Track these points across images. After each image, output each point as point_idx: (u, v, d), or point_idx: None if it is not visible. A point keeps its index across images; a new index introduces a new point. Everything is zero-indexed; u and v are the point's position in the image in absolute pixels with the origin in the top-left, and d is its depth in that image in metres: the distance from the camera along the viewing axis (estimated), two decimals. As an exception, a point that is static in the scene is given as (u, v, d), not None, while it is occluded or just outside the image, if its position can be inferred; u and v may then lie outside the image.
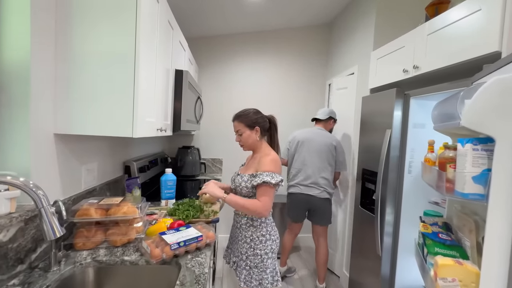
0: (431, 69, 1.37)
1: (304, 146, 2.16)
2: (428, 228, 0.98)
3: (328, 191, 2.13)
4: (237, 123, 1.31)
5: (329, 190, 2.13)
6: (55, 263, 0.85)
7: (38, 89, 0.89)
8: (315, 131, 2.22)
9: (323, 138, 2.15)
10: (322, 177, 2.11)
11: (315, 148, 2.13)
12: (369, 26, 2.08)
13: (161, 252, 0.91)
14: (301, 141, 2.18)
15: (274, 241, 1.29)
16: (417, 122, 1.59)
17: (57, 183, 1.00)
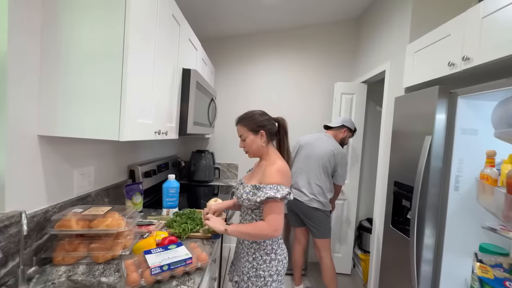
0: (488, 60, 1.08)
1: (303, 150, 2.03)
2: (489, 271, 0.71)
3: (318, 200, 1.93)
4: (240, 126, 1.15)
5: (320, 199, 1.93)
6: (23, 282, 0.76)
7: (18, 85, 0.81)
8: (320, 137, 2.05)
9: (324, 144, 1.98)
10: (316, 184, 1.94)
11: (312, 153, 1.98)
12: (404, 16, 1.80)
13: (139, 277, 0.77)
14: (302, 146, 2.05)
15: (280, 261, 1.11)
16: (467, 127, 1.28)
17: (40, 189, 0.92)
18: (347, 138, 2.13)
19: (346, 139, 2.13)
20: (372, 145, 2.74)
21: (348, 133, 2.11)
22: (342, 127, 2.08)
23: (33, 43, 0.86)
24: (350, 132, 2.12)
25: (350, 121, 2.13)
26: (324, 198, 1.95)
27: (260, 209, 1.09)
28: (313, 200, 1.93)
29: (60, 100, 0.88)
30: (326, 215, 1.98)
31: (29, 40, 0.85)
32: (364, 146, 2.70)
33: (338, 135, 2.08)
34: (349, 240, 2.57)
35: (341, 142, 2.09)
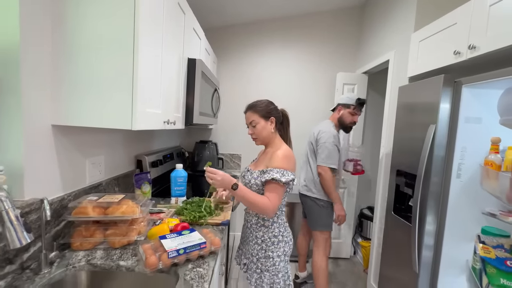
0: (495, 49, 1.09)
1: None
2: (491, 251, 0.75)
3: (308, 187, 1.91)
4: (250, 113, 1.18)
5: (309, 186, 1.90)
6: (46, 265, 0.79)
7: (31, 76, 0.82)
8: (319, 123, 2.02)
9: (314, 129, 1.97)
10: (307, 170, 1.95)
11: (307, 141, 2.02)
12: (409, 5, 1.79)
13: (157, 260, 0.81)
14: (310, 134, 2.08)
15: (287, 243, 1.17)
16: (471, 116, 1.30)
17: (56, 178, 0.95)
18: (346, 116, 1.89)
19: (345, 118, 1.90)
20: (372, 135, 2.77)
21: (344, 110, 1.89)
22: (336, 107, 1.96)
23: (44, 33, 0.86)
24: (347, 109, 1.88)
25: (346, 97, 1.91)
26: (313, 186, 1.89)
27: None
28: (305, 187, 1.95)
29: (73, 90, 0.89)
30: (317, 205, 1.87)
31: (40, 30, 0.85)
32: (364, 135, 2.73)
33: (334, 117, 1.96)
34: (349, 226, 2.64)
35: (342, 123, 1.92)
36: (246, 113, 1.21)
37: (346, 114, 1.89)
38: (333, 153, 1.80)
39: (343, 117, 1.90)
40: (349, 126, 1.92)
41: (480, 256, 0.77)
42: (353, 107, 1.87)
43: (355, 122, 1.91)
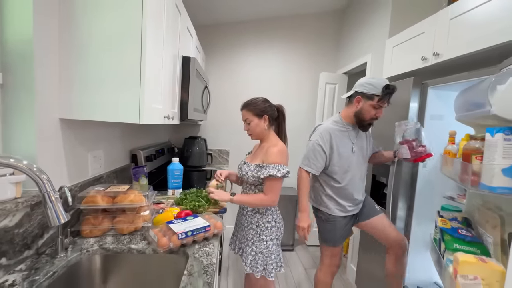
0: (454, 56, 1.29)
1: None
2: (447, 223, 0.93)
3: (310, 196, 1.60)
4: (245, 111, 1.28)
5: (311, 194, 1.60)
6: (61, 250, 0.84)
7: (42, 70, 0.86)
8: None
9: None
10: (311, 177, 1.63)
11: None
12: (385, 13, 1.98)
13: (168, 241, 0.89)
14: None
15: (279, 228, 1.31)
16: (435, 113, 1.52)
17: (63, 170, 0.99)
18: (367, 110, 1.37)
19: (366, 112, 1.38)
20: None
21: (364, 103, 1.37)
22: (354, 96, 1.42)
23: (55, 31, 0.90)
24: (370, 100, 1.35)
25: (368, 83, 1.36)
26: (313, 194, 1.59)
27: (263, 184, 1.25)
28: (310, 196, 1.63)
29: (83, 85, 0.93)
30: (317, 216, 1.58)
31: (52, 28, 0.89)
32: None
33: (349, 111, 1.45)
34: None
35: (360, 119, 1.41)
36: (242, 111, 1.31)
37: (367, 107, 1.36)
38: (311, 153, 1.41)
39: (362, 111, 1.38)
40: (368, 123, 1.43)
41: (440, 227, 0.94)
42: (378, 99, 1.34)
43: (378, 117, 1.39)
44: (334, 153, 1.43)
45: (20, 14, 0.80)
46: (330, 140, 1.42)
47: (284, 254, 2.62)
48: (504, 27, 1.03)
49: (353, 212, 1.53)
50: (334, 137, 1.43)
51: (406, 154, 1.37)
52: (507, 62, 0.92)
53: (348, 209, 1.49)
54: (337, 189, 1.47)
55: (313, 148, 1.43)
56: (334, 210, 1.48)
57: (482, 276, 0.73)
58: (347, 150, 1.45)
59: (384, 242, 1.53)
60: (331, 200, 1.48)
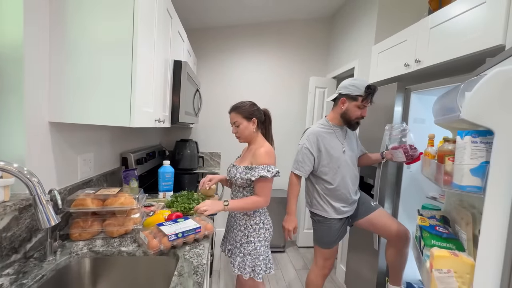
0: (434, 63, 1.36)
1: None
2: (426, 221, 0.98)
3: (306, 200, 1.64)
4: (234, 114, 1.31)
5: (306, 198, 1.63)
6: (50, 253, 0.84)
7: (32, 74, 0.86)
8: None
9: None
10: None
11: None
12: (371, 20, 2.06)
13: (159, 243, 0.91)
14: None
15: (267, 230, 1.33)
16: (418, 117, 1.58)
17: (52, 173, 0.99)
18: (352, 110, 1.42)
19: (351, 113, 1.43)
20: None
21: (349, 103, 1.42)
22: (339, 98, 1.47)
23: (46, 35, 0.91)
24: (354, 101, 1.41)
25: (351, 85, 1.42)
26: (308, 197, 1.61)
27: (251, 186, 1.28)
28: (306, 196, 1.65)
29: (72, 88, 0.94)
30: (312, 219, 1.60)
31: (43, 32, 0.89)
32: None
33: (335, 113, 1.50)
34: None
35: (347, 120, 1.46)
36: (230, 114, 1.33)
37: (352, 108, 1.42)
38: (299, 157, 1.47)
39: (348, 112, 1.44)
40: (356, 122, 1.48)
41: (419, 225, 0.99)
42: (361, 99, 1.40)
43: (363, 116, 1.45)
44: (322, 155, 1.47)
45: (11, 18, 0.81)
46: (317, 142, 1.47)
47: (275, 256, 2.64)
48: (478, 37, 1.11)
49: (348, 213, 1.55)
50: (321, 139, 1.47)
51: (402, 158, 1.41)
52: (479, 69, 0.98)
53: (342, 210, 1.50)
54: (330, 191, 1.49)
55: (301, 151, 1.48)
56: (329, 212, 1.50)
57: (454, 269, 0.77)
58: (337, 151, 1.49)
59: (386, 237, 1.55)
60: (325, 203, 1.50)
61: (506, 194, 0.69)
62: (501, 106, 0.69)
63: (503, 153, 0.69)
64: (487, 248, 0.71)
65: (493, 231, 0.71)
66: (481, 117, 0.72)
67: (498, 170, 0.69)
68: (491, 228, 0.71)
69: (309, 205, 1.60)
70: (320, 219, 1.53)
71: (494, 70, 0.70)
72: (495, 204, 0.70)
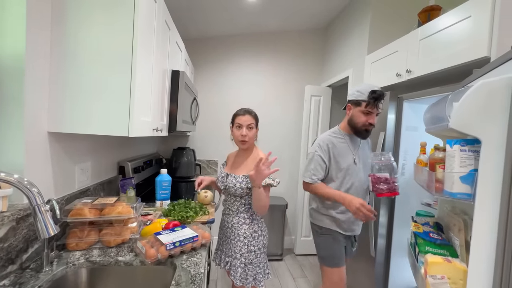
0: (423, 73, 1.41)
1: None
2: (420, 227, 1.00)
3: (310, 213, 1.55)
4: (251, 117, 1.32)
5: (311, 210, 1.54)
6: (47, 264, 0.84)
7: (32, 85, 0.88)
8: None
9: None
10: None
11: None
12: (363, 31, 2.13)
13: (156, 252, 0.91)
14: None
15: (264, 236, 1.35)
16: (410, 125, 1.62)
17: (50, 182, 0.99)
18: (357, 116, 1.39)
19: (357, 119, 1.40)
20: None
21: (354, 109, 1.41)
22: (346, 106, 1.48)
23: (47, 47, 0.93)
24: (358, 106, 1.38)
25: (355, 91, 1.42)
26: (313, 204, 1.52)
27: (249, 195, 1.28)
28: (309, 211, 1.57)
29: (71, 98, 0.96)
30: (315, 230, 1.50)
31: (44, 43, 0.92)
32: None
33: (345, 121, 1.50)
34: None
35: (353, 126, 1.43)
36: (245, 116, 1.30)
37: (356, 113, 1.39)
38: (311, 165, 1.42)
39: (353, 118, 1.41)
40: (364, 130, 1.40)
41: (413, 231, 1.01)
42: (365, 104, 1.36)
43: (372, 124, 1.38)
44: (332, 164, 1.42)
45: (13, 30, 0.83)
46: (328, 150, 1.42)
47: (273, 264, 2.63)
48: (465, 49, 1.16)
49: (355, 232, 1.47)
50: (332, 148, 1.42)
51: (381, 190, 1.36)
52: (466, 80, 1.03)
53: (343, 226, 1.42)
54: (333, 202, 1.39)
55: (313, 159, 1.42)
56: (331, 224, 1.43)
57: (448, 275, 0.79)
58: (347, 160, 1.42)
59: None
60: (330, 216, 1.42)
61: (495, 200, 0.71)
62: (486, 116, 0.72)
63: (490, 161, 0.72)
64: (478, 254, 0.73)
65: (483, 237, 0.73)
66: (468, 127, 0.75)
67: (486, 178, 0.72)
68: (481, 234, 0.73)
69: (312, 217, 1.53)
70: (323, 231, 1.45)
71: (479, 82, 0.74)
72: (485, 211, 0.72)
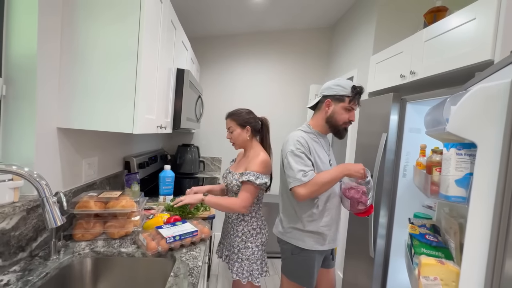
0: (427, 75, 1.40)
1: None
2: (416, 229, 1.01)
3: (282, 225, 1.29)
4: (229, 120, 1.36)
5: (283, 222, 1.29)
6: (54, 252, 0.89)
7: (44, 83, 0.93)
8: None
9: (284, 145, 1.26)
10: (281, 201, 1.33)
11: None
12: (369, 31, 2.11)
13: (157, 245, 0.95)
14: None
15: (264, 235, 1.36)
16: (413, 126, 1.62)
17: (58, 176, 1.04)
18: (339, 113, 1.22)
19: (338, 116, 1.22)
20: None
21: (335, 105, 1.22)
22: (323, 101, 1.26)
23: (57, 47, 0.97)
24: (341, 102, 1.21)
25: (336, 85, 1.23)
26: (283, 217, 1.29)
27: None
28: (278, 224, 1.34)
29: (79, 96, 1.00)
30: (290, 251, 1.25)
31: (54, 43, 0.96)
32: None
33: (319, 118, 1.28)
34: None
35: (333, 124, 1.25)
36: (226, 120, 1.38)
37: (339, 110, 1.22)
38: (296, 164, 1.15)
39: (335, 115, 1.23)
40: (344, 128, 1.26)
41: (409, 233, 1.02)
42: (349, 100, 1.21)
43: (352, 121, 1.25)
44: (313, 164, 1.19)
45: (26, 31, 0.88)
46: (308, 147, 1.20)
47: (273, 261, 2.66)
48: (469, 51, 1.15)
49: (332, 245, 1.28)
50: (310, 145, 1.21)
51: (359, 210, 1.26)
52: (468, 83, 1.02)
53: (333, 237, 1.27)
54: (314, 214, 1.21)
55: (296, 155, 1.16)
56: (310, 242, 1.21)
57: (441, 277, 0.80)
58: (325, 162, 1.25)
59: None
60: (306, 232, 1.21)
61: (489, 204, 0.72)
62: (483, 121, 0.72)
63: (485, 166, 0.72)
64: (471, 257, 0.74)
65: (476, 240, 0.73)
66: (465, 131, 0.75)
67: (480, 182, 0.73)
68: (474, 237, 0.74)
69: (281, 233, 1.29)
70: (303, 253, 1.22)
71: (477, 87, 0.74)
72: (478, 214, 0.73)
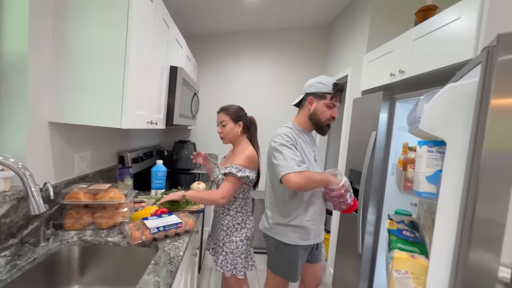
0: (415, 74, 1.41)
1: None
2: (394, 225, 1.03)
3: (267, 221, 1.33)
4: (223, 114, 1.38)
5: (268, 218, 1.32)
6: (43, 240, 0.93)
7: (35, 79, 0.97)
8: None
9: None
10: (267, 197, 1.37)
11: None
12: (363, 30, 2.12)
13: (141, 235, 0.99)
14: None
15: (249, 229, 1.38)
16: (402, 125, 1.63)
17: (50, 168, 1.09)
18: (322, 110, 1.27)
19: (321, 113, 1.27)
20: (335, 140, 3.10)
21: (317, 103, 1.28)
22: (305, 99, 1.34)
23: (47, 43, 1.01)
24: (323, 99, 1.26)
25: (318, 83, 1.30)
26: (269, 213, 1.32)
27: None
28: (264, 220, 1.37)
29: (70, 92, 1.05)
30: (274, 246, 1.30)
31: (45, 40, 1.00)
32: (329, 142, 3.05)
33: (303, 115, 1.35)
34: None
35: (316, 121, 1.30)
36: (219, 114, 1.40)
37: (321, 107, 1.27)
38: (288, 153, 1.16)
39: (317, 112, 1.28)
40: (327, 125, 1.31)
41: (387, 228, 1.04)
42: (330, 96, 1.26)
43: (334, 117, 1.29)
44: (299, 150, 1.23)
45: (17, 30, 0.92)
46: (296, 142, 1.23)
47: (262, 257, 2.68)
48: (454, 51, 1.16)
49: (317, 240, 1.33)
50: (297, 140, 1.25)
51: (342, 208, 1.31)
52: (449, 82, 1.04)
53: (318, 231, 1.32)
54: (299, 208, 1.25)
55: (284, 148, 1.18)
56: (293, 237, 1.25)
57: (412, 271, 0.82)
58: (310, 158, 1.28)
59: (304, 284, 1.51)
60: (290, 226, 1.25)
61: (455, 201, 0.74)
62: (453, 119, 0.74)
63: (453, 163, 0.74)
64: (438, 250, 0.76)
65: (444, 235, 0.76)
66: (436, 129, 0.77)
67: (449, 178, 0.75)
68: (442, 232, 0.76)
69: (266, 228, 1.33)
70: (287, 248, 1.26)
71: (447, 86, 0.76)
72: (446, 210, 0.75)
